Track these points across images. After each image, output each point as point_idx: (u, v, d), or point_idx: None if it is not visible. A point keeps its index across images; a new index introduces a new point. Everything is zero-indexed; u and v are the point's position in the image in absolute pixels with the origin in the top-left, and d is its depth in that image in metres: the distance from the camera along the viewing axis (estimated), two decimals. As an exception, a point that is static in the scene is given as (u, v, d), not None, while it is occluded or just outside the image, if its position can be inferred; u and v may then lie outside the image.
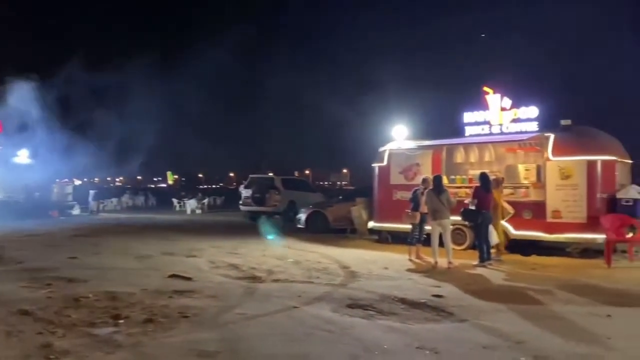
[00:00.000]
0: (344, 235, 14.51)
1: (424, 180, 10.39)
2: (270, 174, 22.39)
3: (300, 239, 13.78)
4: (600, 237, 9.82)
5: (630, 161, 11.60)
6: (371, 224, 13.55)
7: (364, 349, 4.82)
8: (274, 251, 11.42)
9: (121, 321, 5.55)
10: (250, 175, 22.62)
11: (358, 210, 14.37)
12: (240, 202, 21.37)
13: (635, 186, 10.61)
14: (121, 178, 72.96)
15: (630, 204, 10.00)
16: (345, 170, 65.30)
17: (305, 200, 19.45)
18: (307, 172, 62.72)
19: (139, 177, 78.86)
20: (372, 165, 13.47)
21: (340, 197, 18.67)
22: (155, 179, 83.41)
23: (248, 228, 17.29)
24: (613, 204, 10.23)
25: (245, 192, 21.08)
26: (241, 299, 6.77)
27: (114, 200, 30.90)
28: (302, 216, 16.31)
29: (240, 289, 7.44)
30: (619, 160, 10.90)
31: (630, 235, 9.73)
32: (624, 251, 10.10)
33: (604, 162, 10.41)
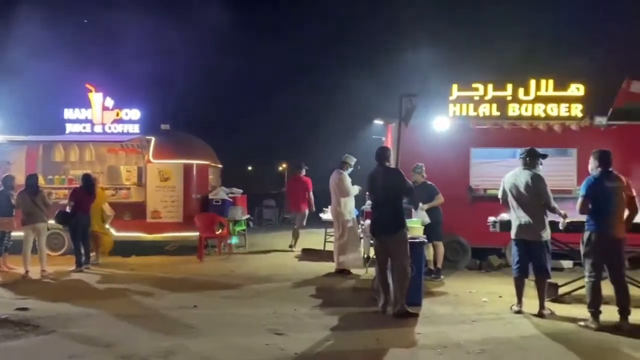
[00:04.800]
0: None
1: (6, 179, 9.19)
2: None
3: None
4: (194, 234, 10.72)
5: (220, 166, 13.15)
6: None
7: None
8: None
9: None
10: None
11: None
12: None
13: (224, 188, 12.07)
14: None
15: (220, 203, 11.30)
16: None
17: None
18: None
19: None
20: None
21: None
22: None
23: None
24: (206, 204, 11.35)
25: None
26: None
27: None
28: None
29: None
30: (212, 164, 12.21)
31: (219, 231, 10.98)
32: (214, 246, 11.32)
33: (199, 165, 11.43)
